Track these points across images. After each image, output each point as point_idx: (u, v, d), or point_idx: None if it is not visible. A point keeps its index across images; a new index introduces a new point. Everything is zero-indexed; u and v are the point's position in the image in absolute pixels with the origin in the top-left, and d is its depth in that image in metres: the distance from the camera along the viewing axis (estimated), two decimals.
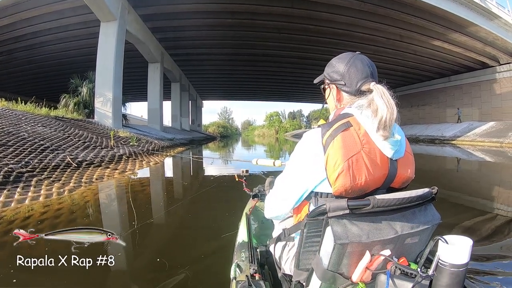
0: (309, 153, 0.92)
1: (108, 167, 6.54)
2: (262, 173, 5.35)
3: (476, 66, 23.27)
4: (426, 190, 0.90)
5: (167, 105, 27.32)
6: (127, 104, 18.22)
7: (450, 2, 15.26)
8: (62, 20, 16.03)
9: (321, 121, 0.99)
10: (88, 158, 6.68)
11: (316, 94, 43.97)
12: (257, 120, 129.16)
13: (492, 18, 17.40)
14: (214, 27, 17.51)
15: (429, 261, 0.80)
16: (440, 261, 0.77)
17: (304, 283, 0.96)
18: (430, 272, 0.78)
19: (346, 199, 0.84)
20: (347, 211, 0.81)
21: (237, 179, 2.21)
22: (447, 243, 0.77)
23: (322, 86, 1.13)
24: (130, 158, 8.24)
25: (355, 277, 0.85)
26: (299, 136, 49.75)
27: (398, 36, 18.21)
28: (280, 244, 1.17)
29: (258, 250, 1.38)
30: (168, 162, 10.14)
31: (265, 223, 1.69)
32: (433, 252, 0.79)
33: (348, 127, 0.88)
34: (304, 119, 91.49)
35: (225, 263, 1.52)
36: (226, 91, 43.08)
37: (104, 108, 12.86)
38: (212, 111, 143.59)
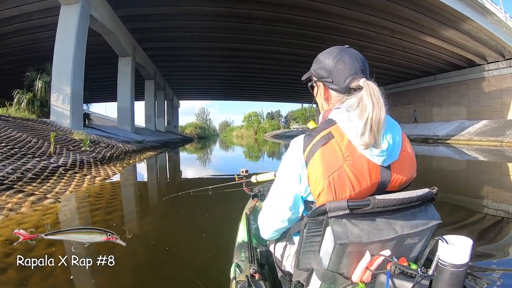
0: (294, 167, 0.95)
1: (22, 191, 4.42)
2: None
3: (463, 64, 24.18)
4: (426, 190, 0.91)
5: (141, 105, 26.67)
6: (101, 104, 17.05)
7: None
8: (24, 7, 14.98)
9: (311, 123, 1.03)
10: (1, 174, 4.78)
11: (295, 94, 44.79)
12: (235, 121, 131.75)
13: (486, 14, 17.93)
14: (191, 16, 16.98)
15: (429, 261, 0.82)
16: (440, 261, 0.79)
17: (304, 283, 0.98)
18: (430, 272, 0.80)
19: (346, 199, 0.85)
20: (347, 211, 0.83)
21: (237, 179, 2.24)
22: (447, 243, 0.79)
23: (310, 84, 1.11)
24: (69, 171, 6.14)
25: (355, 277, 0.87)
26: (278, 137, 49.37)
27: (389, 31, 18.42)
28: (280, 244, 1.21)
29: (258, 250, 1.43)
30: (127, 174, 7.82)
31: None
32: (433, 252, 0.81)
33: (329, 140, 0.88)
34: (283, 120, 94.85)
35: (225, 263, 1.60)
36: (204, 90, 42.78)
37: (61, 106, 11.67)
38: (189, 112, 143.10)
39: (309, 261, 0.96)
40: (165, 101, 33.99)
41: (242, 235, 1.62)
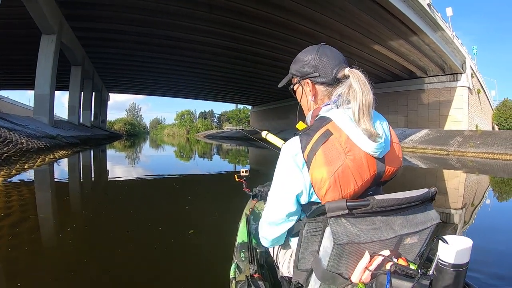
0: (292, 169, 0.97)
1: None
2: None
3: (404, 75, 26.48)
4: (425, 190, 0.96)
5: (65, 96, 24.48)
6: (28, 92, 14.46)
7: (406, 7, 16.72)
8: None
9: (300, 124, 1.05)
10: None
11: (230, 93, 45.34)
12: (167, 119, 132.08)
13: (436, 30, 19.97)
14: None
15: (429, 261, 0.85)
16: (440, 261, 0.82)
17: (303, 284, 1.02)
18: (430, 272, 0.82)
19: (345, 199, 0.88)
20: (346, 211, 0.86)
21: (236, 179, 2.31)
22: (447, 243, 0.81)
23: (291, 87, 1.18)
24: None
25: (354, 277, 0.90)
26: (212, 137, 50.09)
27: (338, 35, 19.20)
28: (279, 245, 1.25)
29: (258, 250, 1.50)
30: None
31: None
32: (433, 252, 0.84)
33: (328, 137, 0.93)
34: (215, 120, 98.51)
35: (225, 263, 1.60)
36: (137, 83, 40.75)
37: None
38: (120, 107, 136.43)
39: (308, 262, 1.00)
40: (93, 92, 31.58)
41: (242, 235, 1.67)
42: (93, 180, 6.99)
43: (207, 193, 5.33)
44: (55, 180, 6.46)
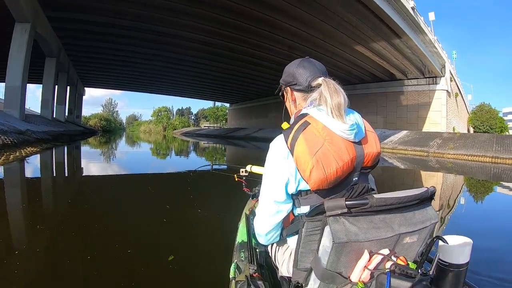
0: (279, 161, 1.07)
1: None
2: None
3: (384, 77, 26.95)
4: (424, 189, 0.98)
5: (40, 89, 23.51)
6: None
7: (391, 9, 17.05)
8: None
9: (285, 125, 1.14)
10: None
11: (208, 90, 45.25)
12: (144, 115, 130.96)
13: (419, 33, 20.55)
14: None
15: (428, 261, 0.87)
16: (439, 261, 0.84)
17: (303, 283, 1.05)
18: (430, 272, 0.84)
19: (344, 198, 0.91)
20: (345, 210, 0.88)
21: (236, 179, 2.36)
22: (447, 243, 0.83)
23: (280, 93, 1.32)
24: None
25: (353, 276, 0.91)
26: (189, 135, 49.98)
27: (321, 34, 19.32)
28: (278, 245, 1.29)
29: (257, 250, 1.52)
30: None
31: None
32: (432, 252, 0.86)
33: (307, 126, 1.03)
34: (193, 117, 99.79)
35: (225, 263, 1.61)
36: (114, 78, 39.84)
37: None
38: (96, 103, 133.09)
39: (308, 261, 1.03)
40: (68, 86, 30.65)
41: (241, 235, 1.70)
42: (57, 184, 6.13)
43: (187, 198, 4.63)
44: (16, 182, 5.77)
